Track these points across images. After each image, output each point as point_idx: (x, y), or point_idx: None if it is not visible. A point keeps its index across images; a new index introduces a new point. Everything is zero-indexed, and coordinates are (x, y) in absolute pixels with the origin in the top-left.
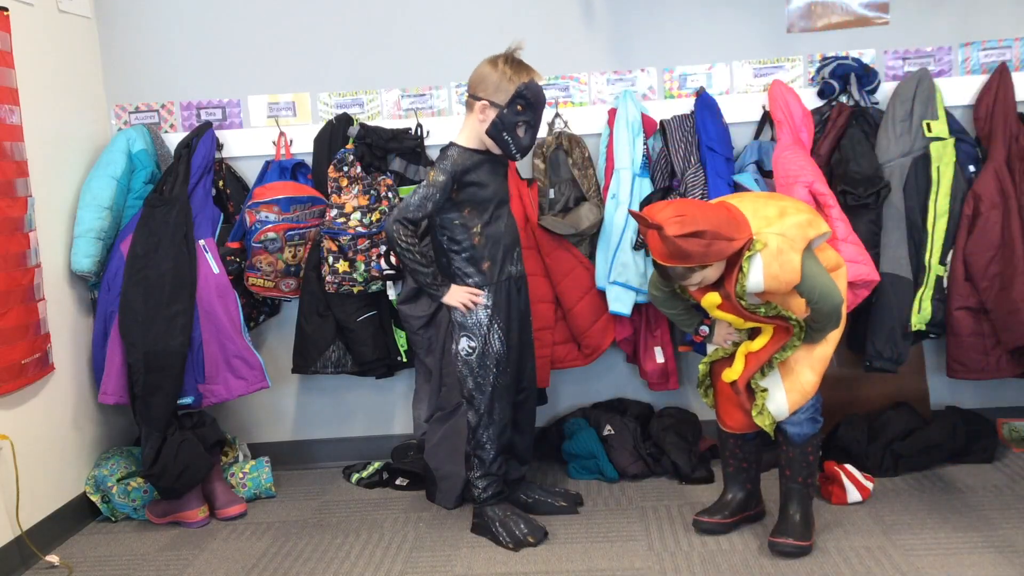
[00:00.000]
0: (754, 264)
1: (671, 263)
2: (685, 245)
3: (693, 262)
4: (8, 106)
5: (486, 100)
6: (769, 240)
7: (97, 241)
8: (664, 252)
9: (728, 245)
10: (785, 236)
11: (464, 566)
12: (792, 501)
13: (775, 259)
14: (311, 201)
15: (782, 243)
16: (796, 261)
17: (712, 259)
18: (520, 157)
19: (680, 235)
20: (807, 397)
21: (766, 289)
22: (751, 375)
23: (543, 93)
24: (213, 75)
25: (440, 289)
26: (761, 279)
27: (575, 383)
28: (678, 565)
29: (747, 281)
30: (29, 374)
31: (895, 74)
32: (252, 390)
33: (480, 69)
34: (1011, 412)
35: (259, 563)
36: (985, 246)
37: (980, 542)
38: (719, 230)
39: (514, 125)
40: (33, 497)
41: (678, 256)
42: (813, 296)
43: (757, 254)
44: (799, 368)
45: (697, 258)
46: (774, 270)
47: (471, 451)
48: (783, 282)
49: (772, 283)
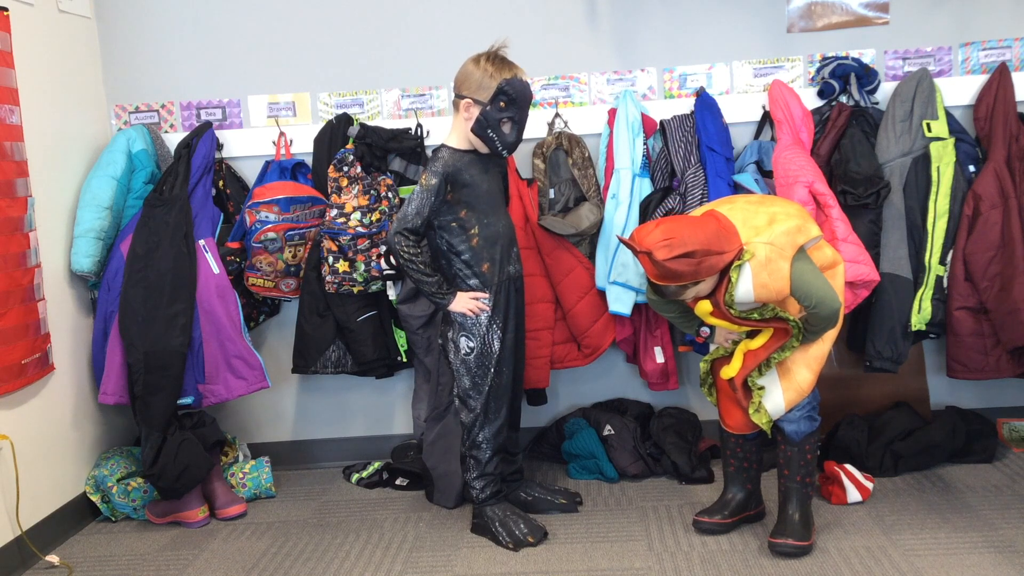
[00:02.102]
0: (743, 275)
1: (664, 283)
2: (675, 267)
3: (686, 280)
4: (8, 106)
5: (470, 98)
6: (757, 250)
7: (97, 241)
8: (656, 274)
9: (719, 259)
10: (774, 245)
11: (464, 566)
12: (791, 501)
13: (764, 268)
14: (311, 201)
15: (771, 252)
16: (785, 269)
17: (704, 275)
18: (507, 154)
19: (669, 258)
20: (803, 395)
21: (756, 299)
22: (748, 372)
23: (527, 89)
24: (213, 75)
25: (446, 297)
26: (751, 288)
27: (575, 383)
28: (678, 565)
29: (736, 291)
30: (29, 374)
31: (895, 74)
32: (252, 390)
33: (463, 68)
34: (1011, 412)
35: (259, 563)
36: (985, 246)
37: (980, 542)
38: (709, 247)
39: (498, 122)
40: (33, 497)
41: (670, 277)
42: (810, 301)
43: (746, 264)
44: (795, 367)
45: (689, 276)
46: (763, 279)
47: (466, 452)
48: (773, 291)
49: (762, 292)
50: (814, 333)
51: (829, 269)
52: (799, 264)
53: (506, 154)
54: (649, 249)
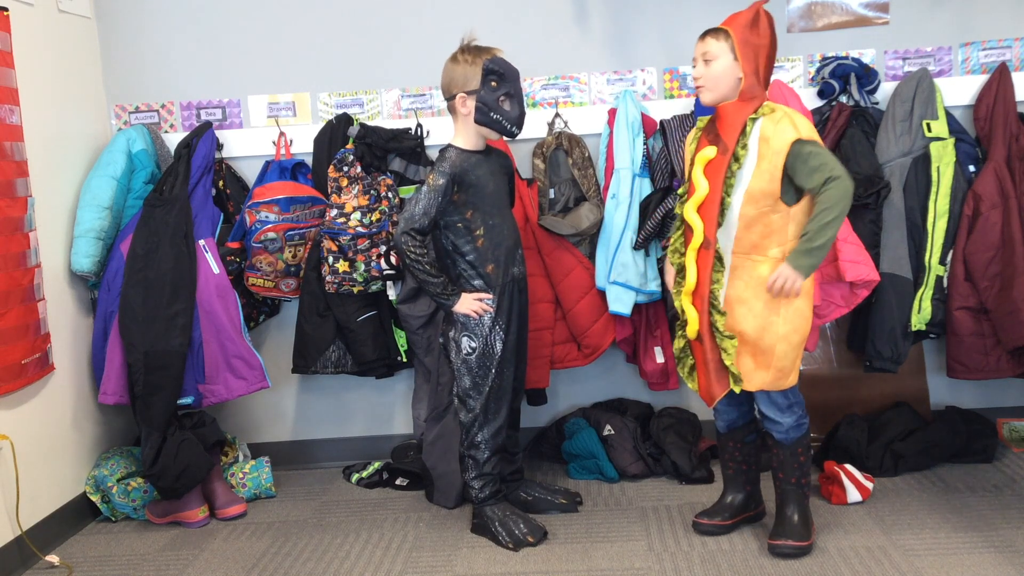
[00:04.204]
0: (756, 126)
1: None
2: (742, 15)
3: (737, 27)
4: (8, 106)
5: (462, 93)
6: (776, 109)
7: (97, 241)
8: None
9: (752, 67)
10: (788, 114)
11: (464, 566)
12: (788, 502)
13: (774, 125)
14: (311, 201)
15: (784, 115)
16: (789, 135)
17: (736, 49)
18: (516, 131)
19: (744, 12)
20: (787, 373)
21: (759, 152)
22: (708, 319)
23: (510, 64)
24: (213, 75)
25: (451, 299)
26: (756, 144)
27: (575, 383)
28: (678, 565)
29: (749, 140)
30: (29, 374)
31: (895, 74)
32: (252, 390)
33: (444, 71)
34: (1011, 412)
35: (259, 563)
36: (985, 246)
37: (980, 542)
38: (765, 52)
39: (497, 101)
40: (33, 497)
41: (731, 18)
42: (823, 172)
43: (761, 117)
44: (774, 342)
45: (737, 27)
46: (768, 132)
47: (464, 452)
48: (772, 150)
49: (764, 148)
50: (831, 208)
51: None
52: (814, 147)
53: (516, 131)
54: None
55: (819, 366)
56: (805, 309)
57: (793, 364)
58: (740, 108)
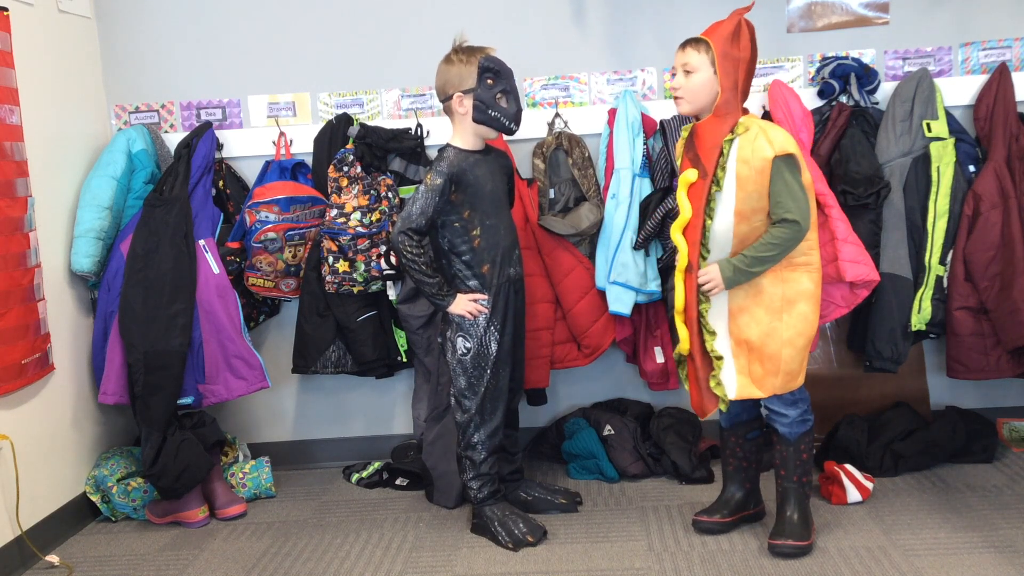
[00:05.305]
0: (733, 147)
1: (703, 35)
2: (723, 27)
3: (718, 38)
4: (8, 106)
5: (459, 93)
6: (751, 125)
7: (97, 241)
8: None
9: (731, 81)
10: (763, 129)
11: (464, 566)
12: (789, 501)
13: (750, 144)
14: (311, 201)
15: (760, 130)
16: (767, 153)
17: (718, 59)
18: (515, 127)
19: (725, 22)
20: (795, 377)
21: (738, 175)
22: (699, 339)
23: (503, 61)
24: (213, 75)
25: (446, 299)
26: (735, 163)
27: (575, 383)
28: (678, 565)
29: (727, 162)
30: (29, 374)
31: (895, 74)
32: (252, 390)
33: (439, 72)
34: (1011, 412)
35: (259, 563)
36: (985, 246)
37: (980, 542)
38: (744, 66)
39: (493, 98)
40: (33, 497)
41: (712, 28)
42: (782, 207)
43: (737, 138)
44: (778, 347)
45: (720, 38)
46: (746, 154)
47: (461, 452)
48: (755, 170)
49: (743, 169)
50: (774, 246)
51: (800, 300)
52: (789, 173)
53: (514, 128)
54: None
55: (819, 366)
56: (809, 313)
57: (800, 366)
58: (716, 127)
